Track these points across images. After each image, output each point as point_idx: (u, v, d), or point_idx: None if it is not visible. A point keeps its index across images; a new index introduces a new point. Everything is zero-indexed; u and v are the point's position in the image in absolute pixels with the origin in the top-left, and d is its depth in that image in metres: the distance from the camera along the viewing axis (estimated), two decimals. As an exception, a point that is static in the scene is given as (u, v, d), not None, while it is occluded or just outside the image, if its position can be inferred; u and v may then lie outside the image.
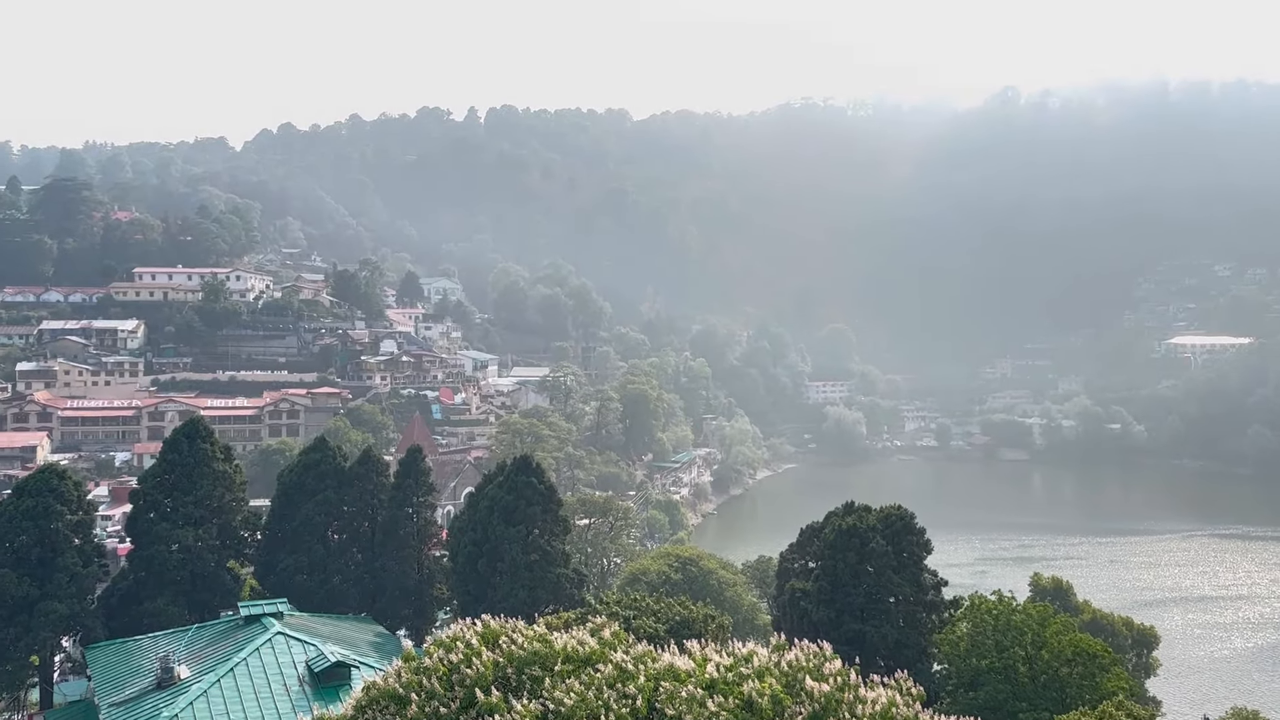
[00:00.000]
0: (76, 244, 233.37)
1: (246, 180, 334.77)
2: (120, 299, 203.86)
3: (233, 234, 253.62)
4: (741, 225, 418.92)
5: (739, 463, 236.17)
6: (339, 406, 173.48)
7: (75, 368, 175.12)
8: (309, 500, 73.33)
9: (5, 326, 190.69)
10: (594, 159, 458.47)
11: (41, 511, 64.46)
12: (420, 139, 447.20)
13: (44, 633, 62.39)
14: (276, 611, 50.73)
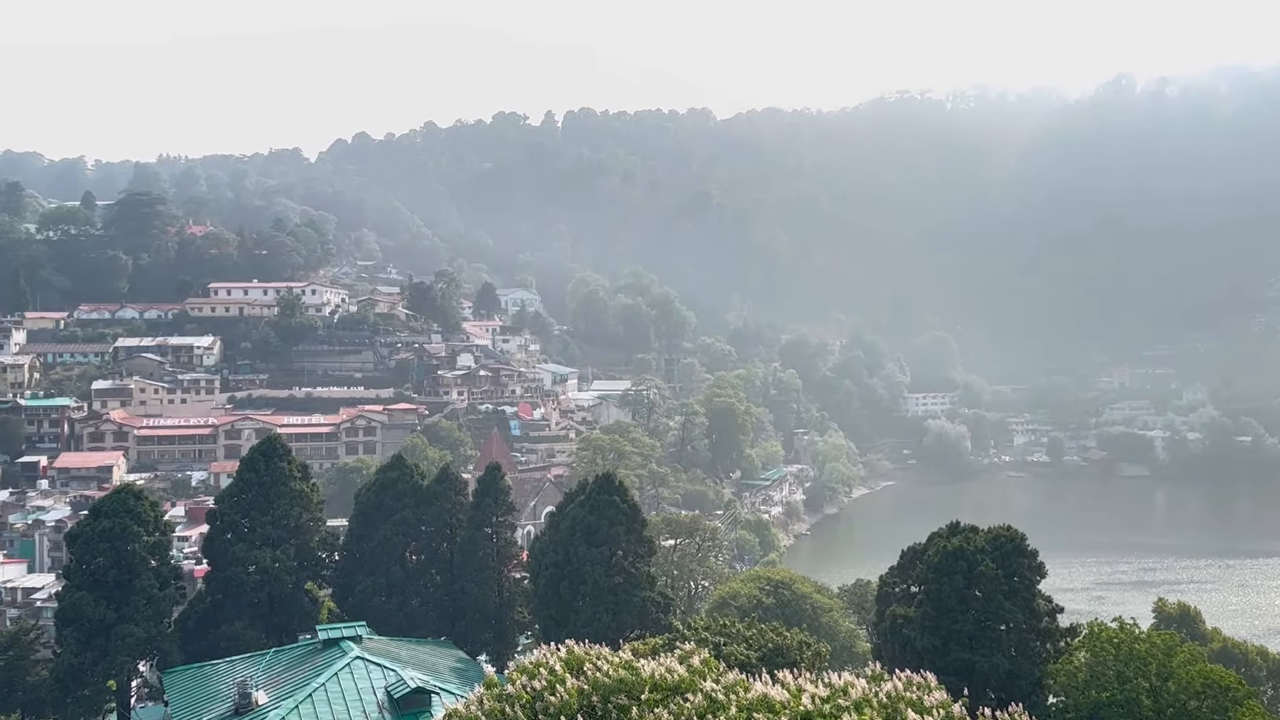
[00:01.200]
0: (151, 260, 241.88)
1: (321, 192, 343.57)
2: (196, 315, 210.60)
3: (308, 247, 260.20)
4: (833, 227, 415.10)
5: (833, 480, 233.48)
6: (416, 423, 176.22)
7: (151, 385, 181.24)
8: (387, 520, 74.60)
9: (81, 344, 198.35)
10: (676, 161, 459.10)
11: (118, 533, 66.73)
12: (496, 145, 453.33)
13: (121, 657, 64.49)
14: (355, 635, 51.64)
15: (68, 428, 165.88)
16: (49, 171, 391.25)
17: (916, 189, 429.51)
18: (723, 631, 52.91)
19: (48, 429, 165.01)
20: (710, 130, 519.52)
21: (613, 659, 22.91)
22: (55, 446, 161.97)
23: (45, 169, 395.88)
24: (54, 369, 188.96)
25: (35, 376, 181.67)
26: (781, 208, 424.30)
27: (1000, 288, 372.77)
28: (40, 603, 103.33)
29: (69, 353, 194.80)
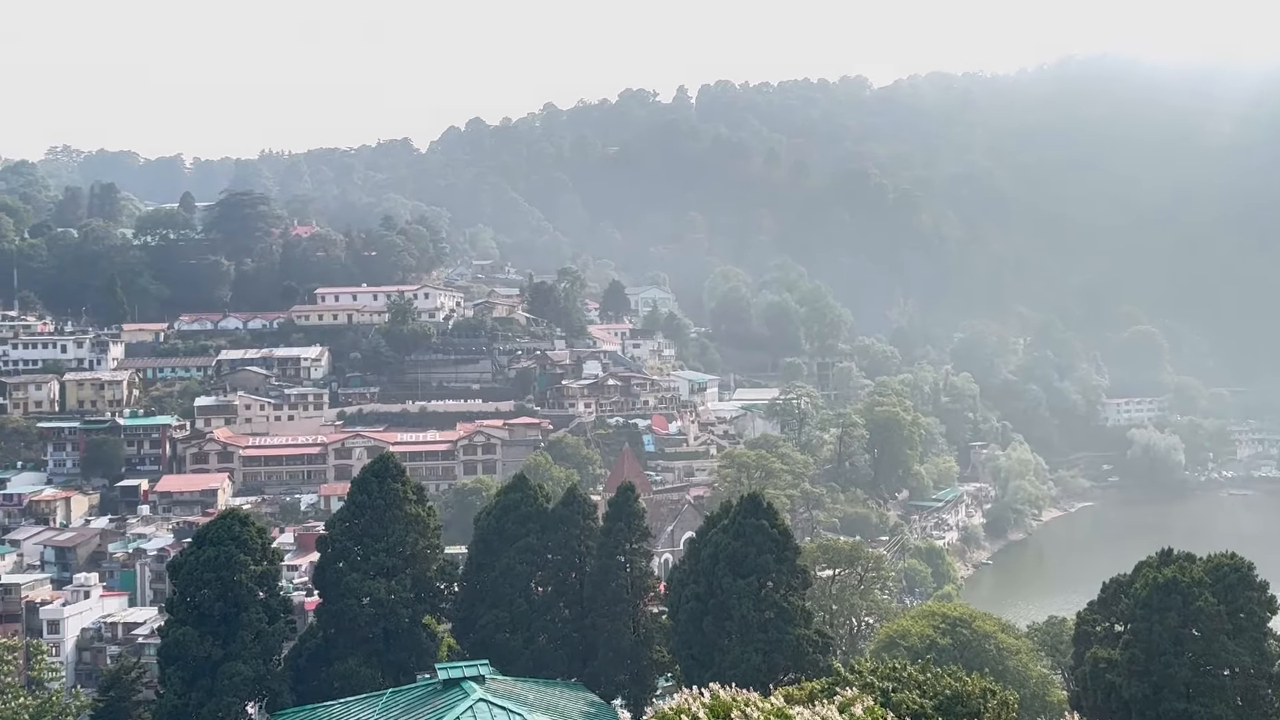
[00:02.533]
0: (255, 264, 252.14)
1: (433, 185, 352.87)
2: (301, 323, 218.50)
3: (419, 246, 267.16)
4: (1011, 208, 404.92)
5: (1018, 501, 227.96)
6: (539, 439, 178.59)
7: (256, 401, 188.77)
8: (509, 547, 75.89)
9: (182, 358, 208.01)
10: (827, 137, 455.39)
11: (224, 562, 69.64)
12: (623, 127, 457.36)
13: (228, 698, 67.22)
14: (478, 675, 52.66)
15: (169, 448, 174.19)
16: (145, 171, 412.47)
17: (1111, 162, 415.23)
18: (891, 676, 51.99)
19: (148, 450, 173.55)
20: (865, 100, 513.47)
21: (764, 706, 22.75)
22: (156, 469, 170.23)
23: (141, 169, 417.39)
24: (154, 385, 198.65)
25: (135, 393, 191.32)
26: (950, 186, 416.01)
27: (1216, 274, 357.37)
28: (142, 639, 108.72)
29: (169, 367, 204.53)
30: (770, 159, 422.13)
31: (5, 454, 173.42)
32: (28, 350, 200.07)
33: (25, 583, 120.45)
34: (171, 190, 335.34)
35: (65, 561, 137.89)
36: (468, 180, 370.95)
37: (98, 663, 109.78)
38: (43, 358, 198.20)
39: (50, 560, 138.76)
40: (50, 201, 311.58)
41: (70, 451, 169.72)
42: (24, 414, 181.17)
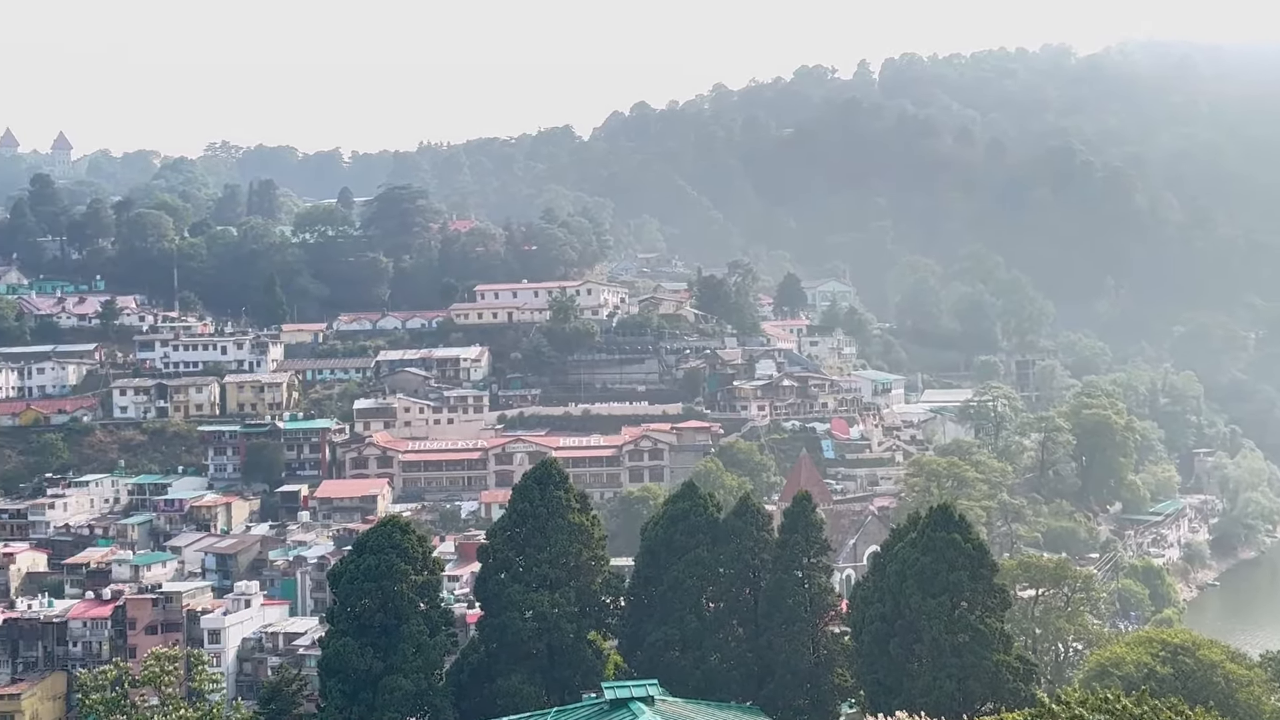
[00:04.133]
0: (413, 261, 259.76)
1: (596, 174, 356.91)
2: (461, 322, 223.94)
3: (582, 240, 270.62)
4: (1241, 186, 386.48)
5: (1249, 515, 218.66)
6: (709, 444, 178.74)
7: (416, 404, 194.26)
8: (678, 560, 76.26)
9: (341, 359, 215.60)
10: (1026, 112, 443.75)
11: (385, 571, 71.98)
12: (798, 107, 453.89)
13: (390, 713, 69.40)
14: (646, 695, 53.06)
15: (329, 452, 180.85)
16: (303, 166, 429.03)
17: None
18: (1103, 708, 50.32)
19: (308, 454, 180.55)
20: (1070, 70, 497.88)
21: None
22: (316, 474, 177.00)
23: (299, 164, 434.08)
24: (313, 387, 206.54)
25: (294, 396, 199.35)
26: (1169, 163, 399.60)
27: None
28: (303, 649, 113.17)
29: (328, 369, 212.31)
30: (962, 137, 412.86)
31: (167, 458, 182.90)
32: (188, 352, 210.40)
33: (186, 590, 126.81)
34: (329, 185, 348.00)
35: (226, 569, 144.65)
36: (632, 168, 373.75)
37: (258, 674, 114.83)
38: (203, 359, 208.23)
39: (211, 568, 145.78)
40: (209, 199, 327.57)
41: (231, 456, 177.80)
42: (185, 417, 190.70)
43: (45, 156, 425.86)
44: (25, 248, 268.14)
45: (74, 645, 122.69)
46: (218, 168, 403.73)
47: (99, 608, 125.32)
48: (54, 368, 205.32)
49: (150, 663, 78.51)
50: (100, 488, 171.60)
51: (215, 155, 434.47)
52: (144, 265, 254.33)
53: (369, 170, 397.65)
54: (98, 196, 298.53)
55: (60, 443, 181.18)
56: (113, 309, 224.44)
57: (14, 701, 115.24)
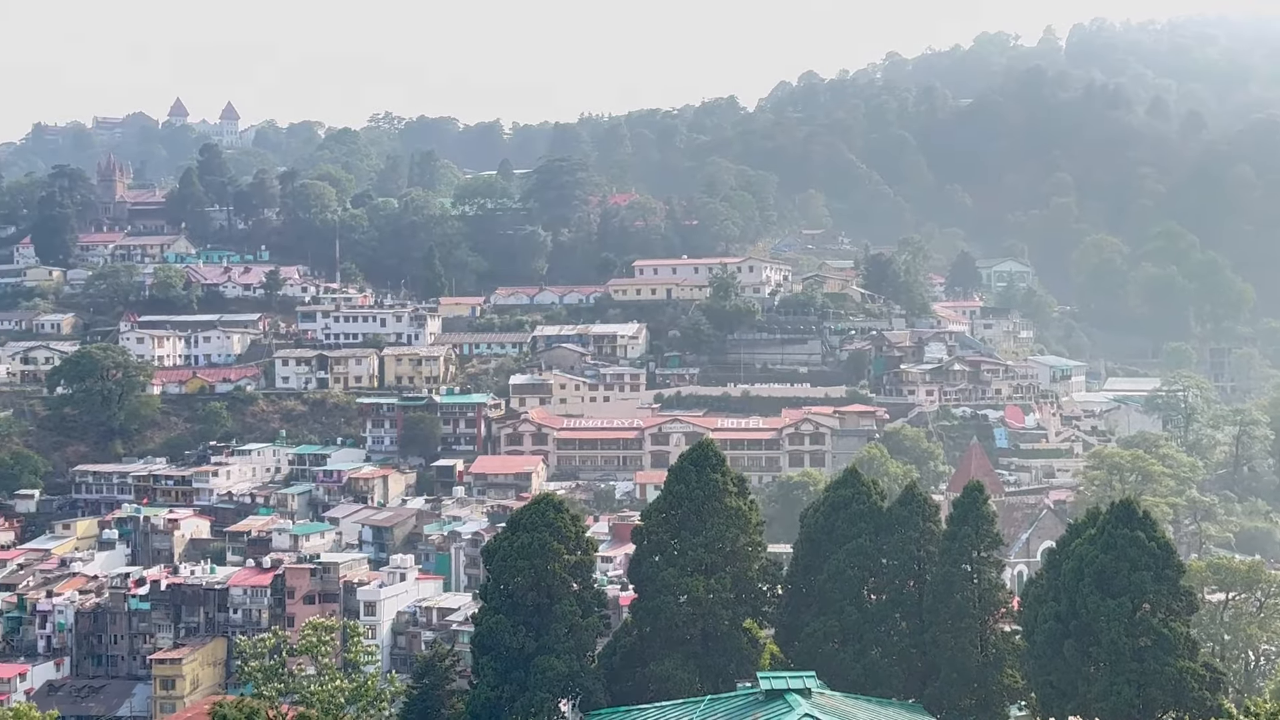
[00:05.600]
0: (572, 235, 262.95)
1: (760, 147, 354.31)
2: (618, 298, 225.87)
3: (744, 214, 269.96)
4: None
5: None
6: (873, 429, 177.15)
7: (571, 381, 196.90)
8: (839, 549, 75.81)
9: (498, 333, 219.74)
10: (1228, 81, 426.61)
11: (538, 550, 73.21)
12: (977, 76, 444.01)
13: (541, 693, 70.69)
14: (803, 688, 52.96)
15: (484, 428, 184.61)
16: (464, 138, 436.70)
17: None
18: (1298, 724, 48.33)
19: (464, 429, 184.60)
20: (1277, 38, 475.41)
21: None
22: (471, 449, 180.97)
23: (460, 135, 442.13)
24: (470, 361, 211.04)
25: (451, 370, 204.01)
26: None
27: None
28: (456, 625, 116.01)
29: (485, 343, 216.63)
30: (1155, 109, 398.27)
31: (326, 429, 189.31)
32: (348, 323, 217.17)
33: (344, 562, 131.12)
34: (490, 157, 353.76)
35: (382, 541, 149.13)
36: (798, 140, 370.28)
37: (412, 648, 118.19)
38: (363, 331, 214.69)
39: (368, 540, 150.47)
40: (372, 171, 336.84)
41: (388, 429, 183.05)
42: (344, 388, 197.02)
43: (213, 127, 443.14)
44: (193, 217, 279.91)
45: (234, 612, 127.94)
46: (380, 139, 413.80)
47: (259, 576, 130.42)
48: (219, 337, 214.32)
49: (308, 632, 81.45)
50: (262, 457, 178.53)
51: (378, 126, 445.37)
52: (307, 236, 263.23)
53: (529, 142, 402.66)
54: (263, 167, 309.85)
55: (224, 411, 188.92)
56: (276, 279, 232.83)
57: (176, 666, 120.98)
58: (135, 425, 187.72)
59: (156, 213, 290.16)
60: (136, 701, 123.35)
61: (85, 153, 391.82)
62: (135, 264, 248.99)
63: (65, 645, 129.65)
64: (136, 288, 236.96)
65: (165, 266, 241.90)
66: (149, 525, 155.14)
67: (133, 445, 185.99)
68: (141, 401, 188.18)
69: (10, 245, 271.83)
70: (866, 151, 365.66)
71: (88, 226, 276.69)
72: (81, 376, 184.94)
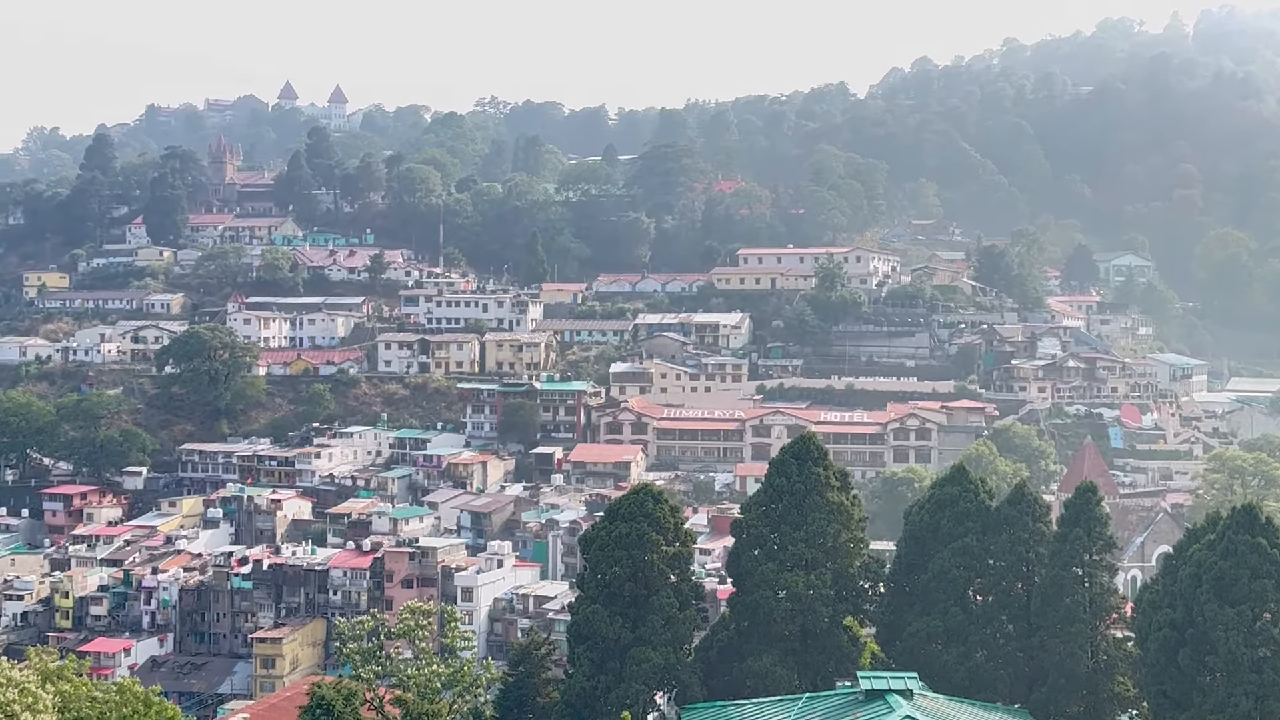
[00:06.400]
0: (676, 222, 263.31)
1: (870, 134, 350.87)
2: (722, 287, 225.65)
3: (852, 203, 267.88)
4: None
5: None
6: (982, 426, 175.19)
7: (672, 370, 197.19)
8: (944, 548, 74.92)
9: (600, 321, 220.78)
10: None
11: (636, 540, 73.38)
12: (1099, 64, 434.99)
13: (637, 685, 70.91)
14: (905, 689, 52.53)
15: (584, 416, 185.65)
16: (569, 123, 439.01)
17: None
18: None
19: (563, 416, 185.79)
20: None
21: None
22: (570, 436, 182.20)
23: (565, 120, 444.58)
24: (570, 348, 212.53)
25: (551, 357, 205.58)
26: None
27: None
28: (552, 614, 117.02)
29: (586, 330, 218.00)
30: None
31: (426, 413, 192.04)
32: (450, 308, 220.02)
33: (442, 547, 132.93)
34: (595, 143, 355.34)
35: (480, 527, 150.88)
36: (910, 128, 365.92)
37: (508, 635, 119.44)
38: (464, 316, 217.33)
39: (466, 525, 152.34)
40: (476, 155, 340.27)
41: (488, 414, 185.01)
42: (445, 373, 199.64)
43: (322, 110, 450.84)
44: (301, 200, 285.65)
45: (334, 593, 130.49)
46: (486, 123, 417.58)
47: (359, 558, 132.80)
48: (324, 319, 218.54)
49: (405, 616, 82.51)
50: (363, 439, 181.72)
51: (484, 111, 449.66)
52: (411, 219, 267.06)
53: (635, 127, 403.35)
54: (370, 151, 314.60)
55: (327, 393, 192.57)
56: (380, 263, 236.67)
57: (276, 645, 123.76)
58: (241, 405, 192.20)
59: (265, 195, 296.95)
60: (237, 679, 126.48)
61: (196, 134, 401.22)
62: (243, 245, 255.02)
63: (169, 622, 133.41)
64: (244, 269, 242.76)
65: (272, 249, 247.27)
66: (252, 505, 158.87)
67: (238, 425, 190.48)
68: (247, 382, 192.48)
69: (123, 225, 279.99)
70: (981, 140, 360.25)
71: (198, 208, 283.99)
72: (189, 356, 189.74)
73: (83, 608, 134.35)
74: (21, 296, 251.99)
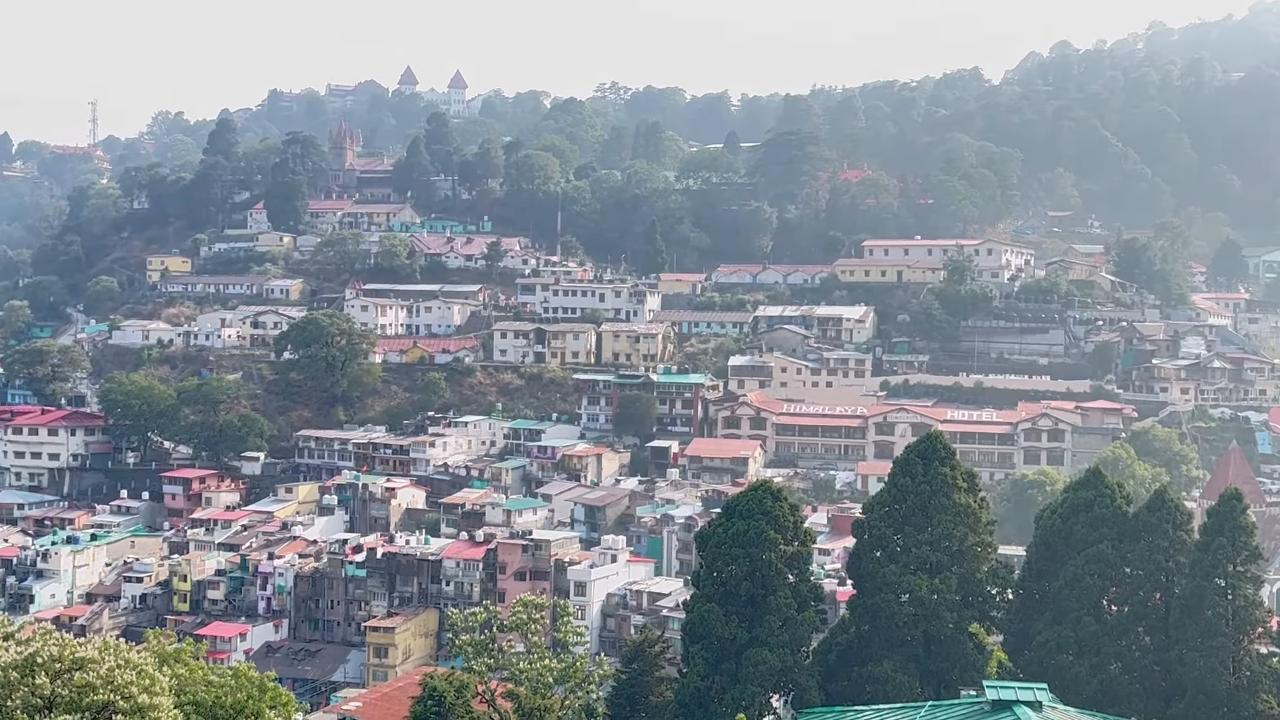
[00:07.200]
0: (799, 212, 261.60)
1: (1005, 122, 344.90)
2: (845, 279, 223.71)
3: (985, 194, 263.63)
4: None
5: None
6: (1119, 428, 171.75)
7: (793, 364, 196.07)
8: (1077, 554, 73.76)
9: (719, 313, 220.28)
10: None
11: (754, 538, 73.24)
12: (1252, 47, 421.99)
13: (753, 686, 70.79)
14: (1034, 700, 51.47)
15: (701, 409, 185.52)
16: (690, 109, 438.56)
17: None
18: None
19: (680, 409, 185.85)
20: None
21: None
22: (687, 430, 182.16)
23: (687, 106, 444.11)
24: (689, 340, 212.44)
25: (669, 348, 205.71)
26: None
27: None
28: (666, 611, 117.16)
29: (705, 322, 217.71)
30: None
31: (541, 404, 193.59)
32: (567, 297, 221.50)
33: (556, 540, 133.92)
34: (716, 130, 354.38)
35: (594, 521, 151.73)
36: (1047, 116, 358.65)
37: (622, 631, 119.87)
38: (581, 305, 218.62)
39: (580, 519, 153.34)
40: (596, 142, 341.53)
41: (603, 406, 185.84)
42: (561, 363, 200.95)
43: (441, 95, 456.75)
44: (419, 186, 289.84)
45: (446, 584, 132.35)
46: (605, 109, 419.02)
47: (472, 549, 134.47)
48: (440, 307, 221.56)
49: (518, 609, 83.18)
50: (478, 429, 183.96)
51: (604, 96, 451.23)
52: (529, 207, 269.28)
53: (757, 114, 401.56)
54: (489, 137, 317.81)
55: (442, 382, 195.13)
56: (498, 250, 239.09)
57: (389, 634, 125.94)
58: (357, 393, 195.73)
59: (384, 181, 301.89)
60: (350, 668, 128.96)
61: (318, 120, 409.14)
62: (361, 232, 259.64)
63: (284, 607, 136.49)
64: (362, 256, 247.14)
65: (390, 235, 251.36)
66: (367, 493, 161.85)
67: (354, 412, 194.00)
68: (364, 369, 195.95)
69: (244, 210, 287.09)
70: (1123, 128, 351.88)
71: (318, 193, 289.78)
72: (307, 342, 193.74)
73: (200, 591, 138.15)
74: (145, 280, 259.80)
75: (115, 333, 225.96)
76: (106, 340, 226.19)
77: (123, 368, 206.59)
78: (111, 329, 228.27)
